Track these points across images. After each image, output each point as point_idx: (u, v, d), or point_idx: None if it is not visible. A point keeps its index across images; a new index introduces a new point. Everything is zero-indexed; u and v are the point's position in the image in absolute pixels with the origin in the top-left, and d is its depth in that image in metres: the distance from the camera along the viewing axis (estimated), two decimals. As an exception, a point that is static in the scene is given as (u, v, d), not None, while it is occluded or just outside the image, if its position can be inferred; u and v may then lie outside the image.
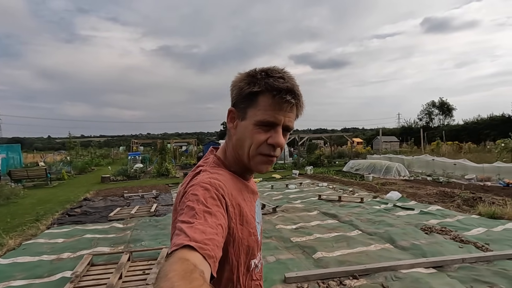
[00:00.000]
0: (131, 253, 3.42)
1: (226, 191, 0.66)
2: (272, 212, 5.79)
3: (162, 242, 4.11)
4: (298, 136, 16.27)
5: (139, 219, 5.45)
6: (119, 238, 4.38)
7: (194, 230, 0.53)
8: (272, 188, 8.94)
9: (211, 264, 0.50)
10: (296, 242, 4.01)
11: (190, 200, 0.60)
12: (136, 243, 4.10)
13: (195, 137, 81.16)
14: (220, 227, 0.58)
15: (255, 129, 0.69)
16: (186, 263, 0.46)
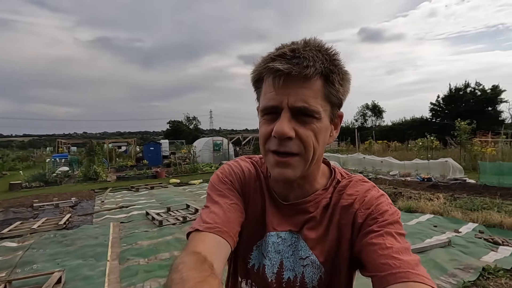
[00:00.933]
0: (9, 283, 2.73)
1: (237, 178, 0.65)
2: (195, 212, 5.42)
3: (62, 263, 3.44)
4: (241, 136, 16.11)
5: (41, 235, 4.59)
6: (4, 261, 3.55)
7: (208, 213, 0.59)
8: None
9: (226, 238, 0.54)
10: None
11: (208, 187, 0.67)
12: (25, 267, 3.36)
13: (139, 137, 76.14)
14: (235, 205, 0.61)
15: (262, 120, 0.57)
16: (196, 256, 0.48)
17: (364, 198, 0.59)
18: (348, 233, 0.58)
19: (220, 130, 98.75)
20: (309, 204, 0.61)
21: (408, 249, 0.51)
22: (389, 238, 0.52)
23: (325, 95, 0.52)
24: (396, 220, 0.56)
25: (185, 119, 66.59)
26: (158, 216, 5.38)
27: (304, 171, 0.55)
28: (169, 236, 4.36)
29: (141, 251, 3.77)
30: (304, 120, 0.52)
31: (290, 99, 0.51)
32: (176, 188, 9.46)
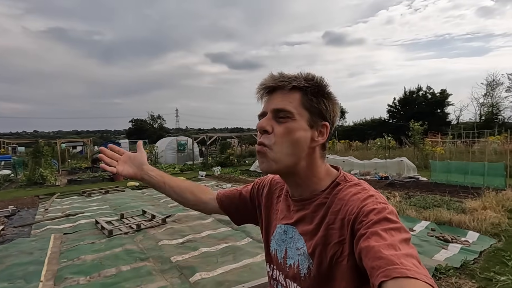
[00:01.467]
0: None
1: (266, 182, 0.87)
2: (161, 223, 5.07)
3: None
4: (206, 136, 15.70)
5: (-38, 253, 3.92)
6: None
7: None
8: (171, 193, 8.12)
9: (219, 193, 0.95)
10: (176, 262, 3.44)
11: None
12: None
13: (98, 136, 71.31)
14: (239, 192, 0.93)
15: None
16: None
17: (351, 203, 0.62)
18: (335, 237, 0.62)
19: (187, 129, 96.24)
20: (306, 202, 0.70)
21: (393, 245, 0.50)
22: (374, 238, 0.52)
23: (302, 103, 0.66)
24: (384, 217, 0.56)
25: (149, 117, 63.71)
26: (109, 225, 4.91)
27: (280, 164, 0.66)
28: (118, 247, 3.96)
29: (83, 268, 3.35)
30: (280, 120, 0.65)
31: (269, 105, 0.68)
32: (134, 192, 8.86)
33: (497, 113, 23.86)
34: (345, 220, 0.61)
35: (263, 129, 0.66)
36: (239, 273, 3.12)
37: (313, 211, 0.68)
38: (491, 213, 4.56)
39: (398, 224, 0.55)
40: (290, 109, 0.65)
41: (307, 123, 0.66)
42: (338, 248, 0.61)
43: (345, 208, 0.62)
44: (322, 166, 0.71)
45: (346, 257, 0.59)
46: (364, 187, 0.66)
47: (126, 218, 5.58)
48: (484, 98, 24.76)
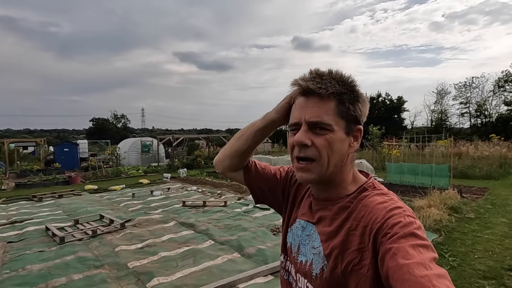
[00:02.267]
0: None
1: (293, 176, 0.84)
2: (120, 228, 4.86)
3: None
4: (172, 137, 15.31)
5: None
6: None
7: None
8: (133, 197, 7.81)
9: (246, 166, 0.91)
10: (133, 268, 3.33)
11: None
12: None
13: (55, 135, 66.01)
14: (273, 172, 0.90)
15: (289, 135, 0.69)
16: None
17: (376, 212, 0.59)
18: (354, 244, 0.60)
19: (154, 130, 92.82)
20: (329, 203, 0.68)
21: (423, 264, 0.47)
22: (401, 255, 0.49)
23: (337, 112, 0.63)
24: (410, 232, 0.53)
25: (112, 116, 60.42)
26: (61, 231, 4.60)
27: (322, 175, 0.65)
28: (70, 255, 3.73)
29: (28, 279, 3.11)
30: (318, 132, 0.63)
31: (306, 116, 0.64)
32: (91, 195, 8.36)
33: (445, 119, 26.22)
34: (367, 228, 0.58)
35: (302, 143, 0.63)
36: (198, 276, 3.11)
37: (335, 213, 0.66)
38: (435, 211, 5.02)
39: (426, 241, 0.52)
40: (328, 121, 0.63)
41: (344, 131, 0.65)
42: (356, 255, 0.59)
43: (369, 216, 0.60)
44: (351, 171, 0.70)
45: (366, 266, 0.57)
46: (392, 197, 0.63)
47: (81, 223, 5.27)
48: (434, 105, 27.10)
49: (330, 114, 0.63)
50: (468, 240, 4.06)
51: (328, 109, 0.63)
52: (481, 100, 24.32)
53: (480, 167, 10.31)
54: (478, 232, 4.35)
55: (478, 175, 9.77)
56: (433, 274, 0.45)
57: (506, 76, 22.99)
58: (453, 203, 5.61)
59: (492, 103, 23.94)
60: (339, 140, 0.64)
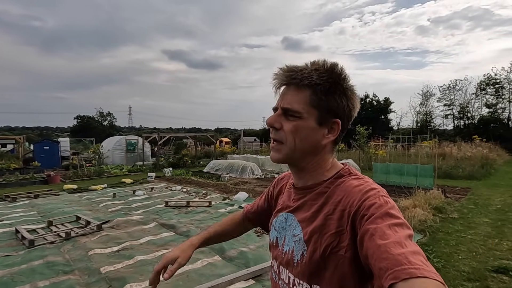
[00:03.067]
0: None
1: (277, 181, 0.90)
2: (96, 230, 4.61)
3: None
4: (158, 135, 14.96)
5: None
6: None
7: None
8: (114, 197, 7.52)
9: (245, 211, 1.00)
10: (105, 274, 3.12)
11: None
12: None
13: (37, 133, 63.75)
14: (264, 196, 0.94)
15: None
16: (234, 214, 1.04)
17: (352, 195, 0.61)
18: (332, 227, 0.61)
19: (141, 128, 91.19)
20: (308, 190, 0.70)
21: (399, 242, 0.49)
22: (378, 235, 0.51)
23: (310, 102, 0.66)
24: (386, 211, 0.55)
25: (97, 114, 58.88)
26: (31, 234, 4.32)
27: (288, 157, 0.68)
28: (38, 260, 3.48)
29: (-12, 286, 2.86)
30: (289, 118, 0.67)
31: (282, 102, 0.69)
32: (70, 195, 8.00)
33: (430, 120, 26.77)
34: (345, 212, 0.60)
35: (271, 125, 0.69)
36: (175, 282, 2.93)
37: (312, 199, 0.68)
38: (420, 211, 5.00)
39: (400, 219, 0.54)
40: (297, 109, 0.65)
41: (316, 121, 0.66)
42: (334, 238, 0.60)
43: (346, 199, 0.61)
44: (329, 160, 0.71)
45: (344, 248, 0.58)
46: (367, 180, 0.65)
47: (55, 225, 4.98)
48: (420, 107, 27.62)
49: (302, 103, 0.65)
50: (452, 240, 4.04)
51: (301, 98, 0.66)
52: (464, 103, 24.97)
53: (463, 167, 10.51)
54: (462, 233, 4.34)
55: (461, 175, 9.95)
56: (408, 252, 0.47)
57: (487, 79, 23.65)
58: (438, 203, 5.63)
59: (475, 105, 24.63)
60: (308, 128, 0.66)
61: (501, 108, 22.72)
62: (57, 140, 17.44)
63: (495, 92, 23.17)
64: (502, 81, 22.83)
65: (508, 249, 3.69)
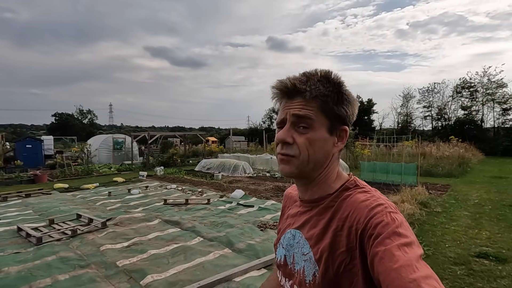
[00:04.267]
0: None
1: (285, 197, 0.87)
2: (101, 227, 4.68)
3: None
4: (148, 134, 14.84)
5: None
6: None
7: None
8: (109, 195, 7.51)
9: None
10: (122, 267, 3.25)
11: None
12: None
13: (10, 131, 60.74)
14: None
15: (277, 130, 0.70)
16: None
17: (358, 211, 0.60)
18: (342, 245, 0.60)
19: (122, 127, 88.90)
20: (314, 204, 0.68)
21: (410, 265, 0.48)
22: (388, 259, 0.50)
23: (322, 111, 0.64)
24: (393, 231, 0.53)
25: (77, 111, 56.89)
26: (36, 232, 4.34)
27: (301, 170, 0.65)
28: (50, 256, 3.55)
29: (8, 281, 2.92)
30: (301, 131, 0.64)
31: (289, 112, 0.65)
32: (62, 194, 7.90)
33: (410, 121, 28.00)
34: (352, 229, 0.59)
35: (284, 141, 0.65)
36: (192, 272, 3.12)
37: (318, 214, 0.67)
38: (408, 206, 5.42)
39: (409, 238, 0.53)
40: (311, 117, 0.64)
41: (327, 130, 0.65)
42: (346, 256, 0.59)
43: (352, 215, 0.60)
44: (336, 169, 0.70)
45: (357, 265, 0.57)
46: (374, 194, 0.63)
47: (57, 223, 4.99)
48: (401, 108, 28.81)
49: (314, 111, 0.65)
50: (438, 231, 4.45)
51: (312, 106, 0.65)
52: (441, 105, 26.29)
53: (442, 166, 11.21)
54: (446, 224, 4.78)
55: (440, 173, 10.61)
56: (421, 277, 0.46)
57: (463, 83, 25.03)
58: (422, 199, 6.09)
59: (451, 107, 25.99)
60: (321, 138, 0.65)
61: (475, 111, 24.12)
62: (40, 138, 16.84)
63: (470, 95, 24.59)
64: (476, 85, 24.28)
65: (487, 238, 4.14)
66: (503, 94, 22.80)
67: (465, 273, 3.12)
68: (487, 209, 5.75)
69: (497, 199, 6.59)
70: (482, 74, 23.85)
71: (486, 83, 23.72)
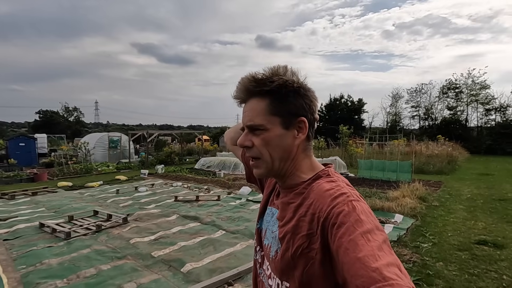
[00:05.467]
0: None
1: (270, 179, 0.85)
2: (123, 223, 4.85)
3: None
4: (146, 132, 14.85)
5: None
6: None
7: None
8: (117, 193, 7.61)
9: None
10: (158, 257, 3.47)
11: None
12: None
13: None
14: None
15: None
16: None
17: (322, 199, 0.62)
18: (304, 229, 0.62)
19: (108, 124, 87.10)
20: (288, 190, 0.72)
21: (372, 255, 0.49)
22: (352, 249, 0.51)
23: (269, 111, 0.67)
24: (355, 219, 0.54)
25: (62, 109, 55.33)
26: (61, 227, 4.47)
27: (269, 170, 0.70)
28: (85, 249, 3.72)
29: (53, 272, 3.10)
30: (256, 133, 0.68)
31: (244, 120, 0.70)
32: (69, 192, 7.94)
33: (399, 121, 28.96)
34: (315, 216, 0.61)
35: (242, 146, 0.70)
36: (226, 260, 3.37)
37: (291, 198, 0.70)
38: (409, 200, 5.83)
39: (370, 224, 0.54)
40: (259, 122, 0.67)
41: (281, 126, 0.67)
42: (305, 240, 0.61)
43: (316, 203, 0.62)
44: (306, 160, 0.72)
45: (314, 250, 0.59)
46: (339, 184, 0.65)
47: (77, 219, 5.12)
48: (390, 108, 29.73)
49: (261, 114, 0.67)
50: (439, 223, 4.86)
51: (259, 111, 0.67)
52: (428, 105, 27.32)
53: (433, 163, 11.81)
54: (445, 217, 5.20)
55: (432, 171, 11.19)
56: (383, 265, 0.47)
57: (449, 84, 26.10)
58: (421, 194, 6.53)
59: (438, 107, 27.05)
60: (277, 136, 0.68)
61: (460, 111, 25.25)
62: (34, 136, 16.52)
63: (455, 96, 25.67)
64: (461, 86, 25.39)
65: (483, 228, 4.58)
66: (486, 95, 23.96)
67: (469, 257, 3.50)
68: (479, 203, 6.24)
69: (487, 194, 7.13)
70: (467, 76, 24.97)
71: (470, 84, 24.84)
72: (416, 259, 3.43)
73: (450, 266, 3.27)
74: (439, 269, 3.21)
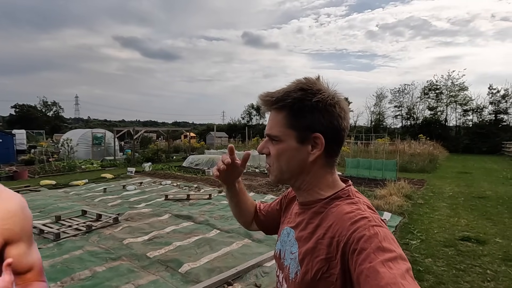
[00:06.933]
0: None
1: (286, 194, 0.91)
2: (114, 223, 4.75)
3: None
4: (133, 129, 14.53)
5: None
6: None
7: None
8: (105, 192, 7.43)
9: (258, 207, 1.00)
10: (154, 258, 3.44)
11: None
12: None
13: (-39, 123, 55.28)
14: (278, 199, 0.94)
15: None
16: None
17: (341, 223, 0.60)
18: (322, 253, 0.61)
19: (89, 120, 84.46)
20: (306, 207, 0.71)
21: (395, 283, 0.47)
22: (373, 277, 0.49)
23: (286, 123, 0.67)
24: (377, 246, 0.53)
25: (40, 103, 53.11)
26: (49, 228, 4.33)
27: (278, 179, 0.71)
28: (77, 250, 3.63)
29: (47, 274, 2.98)
30: (274, 143, 0.70)
31: (266, 127, 0.73)
32: (53, 191, 7.67)
33: (382, 120, 29.78)
34: (334, 240, 0.60)
35: (261, 152, 0.73)
36: (224, 259, 3.39)
37: (309, 218, 0.69)
38: (396, 198, 6.05)
39: (394, 252, 0.52)
40: (276, 133, 0.68)
41: (296, 140, 0.67)
42: (324, 264, 0.60)
43: (335, 226, 0.61)
44: (327, 177, 0.70)
45: (334, 275, 0.58)
46: (359, 206, 0.63)
47: (64, 220, 4.97)
48: (374, 107, 30.51)
49: (278, 126, 0.68)
50: (425, 220, 5.07)
51: (278, 121, 0.68)
52: (411, 105, 28.28)
53: (416, 162, 12.25)
54: (430, 214, 5.44)
55: (414, 169, 11.61)
56: None
57: (430, 85, 27.12)
58: (406, 192, 6.78)
59: (419, 107, 28.05)
60: (290, 149, 0.68)
61: (440, 111, 26.30)
62: (12, 132, 15.78)
63: (436, 97, 26.70)
64: (441, 87, 26.41)
65: (465, 224, 4.82)
66: (464, 96, 25.05)
67: (455, 253, 3.69)
68: (460, 200, 6.55)
69: (467, 192, 7.49)
70: (447, 78, 25.98)
71: (450, 86, 25.87)
72: (406, 256, 3.57)
73: (438, 262, 3.44)
74: (428, 265, 3.37)
